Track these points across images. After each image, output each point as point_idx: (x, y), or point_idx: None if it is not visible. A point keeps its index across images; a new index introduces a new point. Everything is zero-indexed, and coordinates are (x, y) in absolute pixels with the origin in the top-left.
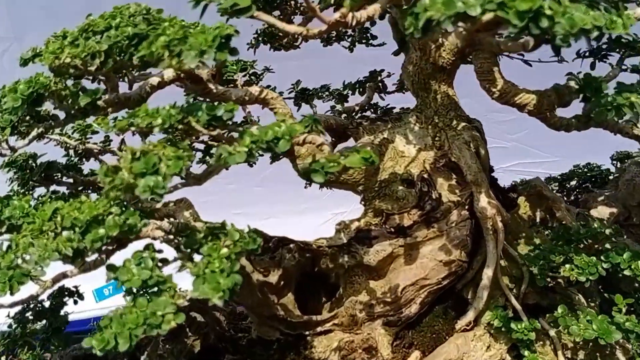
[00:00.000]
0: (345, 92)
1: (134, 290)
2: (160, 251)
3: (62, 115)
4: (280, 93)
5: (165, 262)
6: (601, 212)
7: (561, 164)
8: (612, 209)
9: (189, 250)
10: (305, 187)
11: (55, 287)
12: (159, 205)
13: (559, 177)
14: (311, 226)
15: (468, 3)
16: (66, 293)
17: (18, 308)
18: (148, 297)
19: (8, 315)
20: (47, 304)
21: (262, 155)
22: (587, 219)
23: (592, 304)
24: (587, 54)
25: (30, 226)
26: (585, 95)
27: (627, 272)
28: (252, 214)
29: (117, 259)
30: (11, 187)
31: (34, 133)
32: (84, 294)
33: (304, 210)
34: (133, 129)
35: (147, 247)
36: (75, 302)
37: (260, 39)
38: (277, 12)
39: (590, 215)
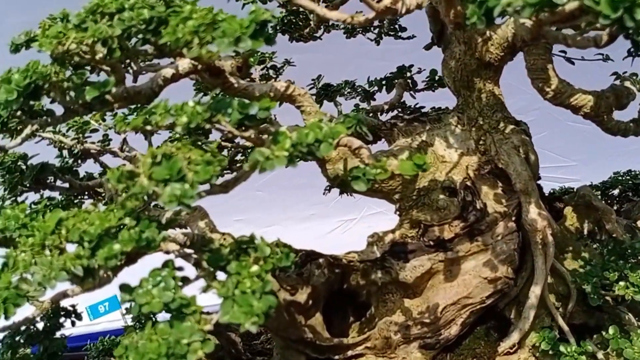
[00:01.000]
0: (370, 90)
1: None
2: (180, 269)
3: (59, 110)
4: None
5: (186, 281)
6: None
7: (579, 168)
8: None
9: (212, 268)
10: (324, 194)
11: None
12: (168, 215)
13: (600, 185)
14: (318, 234)
15: None
16: (62, 313)
17: (7, 331)
18: (170, 323)
19: (11, 330)
20: (40, 325)
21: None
22: (635, 230)
23: None
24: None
25: (30, 240)
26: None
27: None
28: (254, 220)
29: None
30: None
31: (27, 131)
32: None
33: (309, 217)
34: (150, 128)
35: (166, 264)
36: (73, 324)
37: (278, 28)
38: None
39: (637, 226)
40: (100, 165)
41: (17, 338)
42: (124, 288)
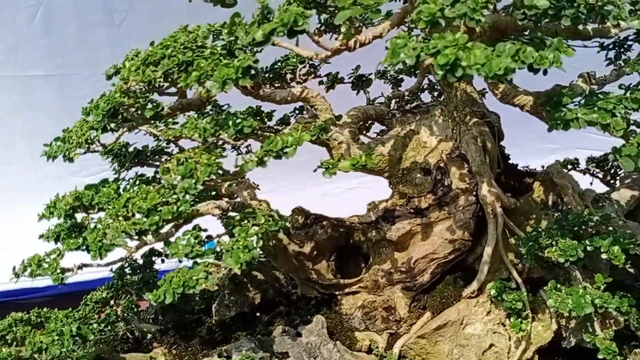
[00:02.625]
0: (399, 77)
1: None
2: (205, 230)
3: None
4: (342, 79)
5: (210, 238)
6: (622, 195)
7: None
8: (634, 192)
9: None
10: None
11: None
12: (226, 185)
13: (600, 157)
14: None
15: (408, 54)
16: (155, 254)
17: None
18: (189, 266)
19: (111, 270)
20: (141, 261)
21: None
22: (605, 202)
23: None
24: (611, 46)
25: (110, 211)
26: (546, 109)
27: (604, 256)
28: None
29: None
30: (112, 167)
31: (119, 133)
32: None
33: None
34: (183, 137)
35: (195, 227)
36: (162, 261)
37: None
38: None
39: (609, 198)
40: (179, 148)
41: (126, 269)
42: (166, 242)
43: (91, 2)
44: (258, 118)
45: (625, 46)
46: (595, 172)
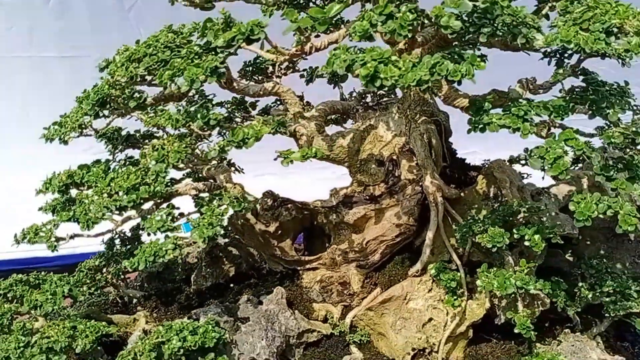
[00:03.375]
0: None
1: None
2: (178, 208)
3: None
4: (321, 74)
5: (182, 215)
6: (561, 189)
7: None
8: (571, 187)
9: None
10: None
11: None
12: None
13: None
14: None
15: (339, 65)
16: (142, 228)
17: (108, 236)
18: (159, 239)
19: (102, 241)
20: (129, 234)
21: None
22: (541, 196)
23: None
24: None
25: (97, 188)
26: (469, 113)
27: (526, 243)
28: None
29: None
30: (107, 149)
31: (109, 119)
32: None
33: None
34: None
35: (168, 205)
36: (148, 234)
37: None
38: None
39: (548, 192)
40: (166, 134)
41: (115, 241)
42: (143, 217)
43: None
44: (242, 107)
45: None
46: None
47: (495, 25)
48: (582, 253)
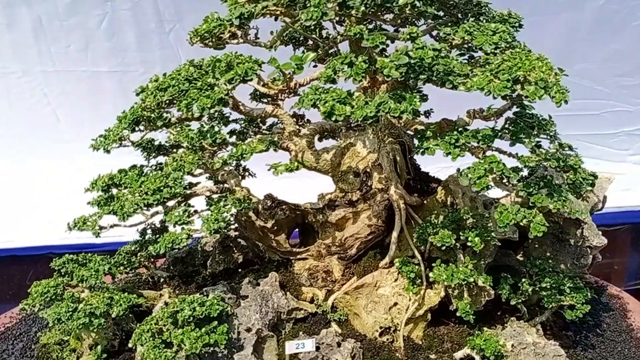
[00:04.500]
0: None
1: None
2: (193, 206)
3: None
4: None
5: (196, 212)
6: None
7: None
8: (518, 198)
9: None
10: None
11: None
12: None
13: None
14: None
15: (306, 103)
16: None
17: (142, 226)
18: (176, 230)
19: (137, 230)
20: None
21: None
22: (491, 206)
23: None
24: None
25: (130, 189)
26: (416, 138)
27: (469, 244)
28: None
29: None
30: (143, 156)
31: (143, 133)
32: None
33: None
34: (185, 143)
35: (185, 204)
36: (174, 226)
37: None
38: None
39: (497, 203)
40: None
41: (147, 231)
42: (166, 212)
43: (146, 13)
44: (255, 123)
45: None
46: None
47: (432, 72)
48: (530, 254)
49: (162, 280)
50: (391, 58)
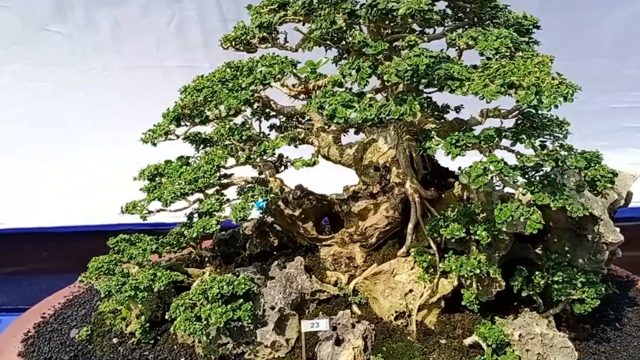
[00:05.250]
0: None
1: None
2: (225, 195)
3: None
4: None
5: (228, 201)
6: (527, 196)
7: None
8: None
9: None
10: None
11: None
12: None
13: None
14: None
15: (314, 105)
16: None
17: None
18: (209, 217)
19: (185, 214)
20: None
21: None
22: (508, 199)
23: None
24: None
25: (172, 178)
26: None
27: (476, 237)
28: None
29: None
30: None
31: (187, 127)
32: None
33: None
34: (215, 138)
35: (218, 192)
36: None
37: None
38: None
39: (513, 197)
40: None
41: (194, 214)
42: (200, 201)
43: (211, 13)
44: (295, 119)
45: None
46: None
47: (434, 77)
48: (549, 248)
49: (206, 259)
50: (393, 64)
